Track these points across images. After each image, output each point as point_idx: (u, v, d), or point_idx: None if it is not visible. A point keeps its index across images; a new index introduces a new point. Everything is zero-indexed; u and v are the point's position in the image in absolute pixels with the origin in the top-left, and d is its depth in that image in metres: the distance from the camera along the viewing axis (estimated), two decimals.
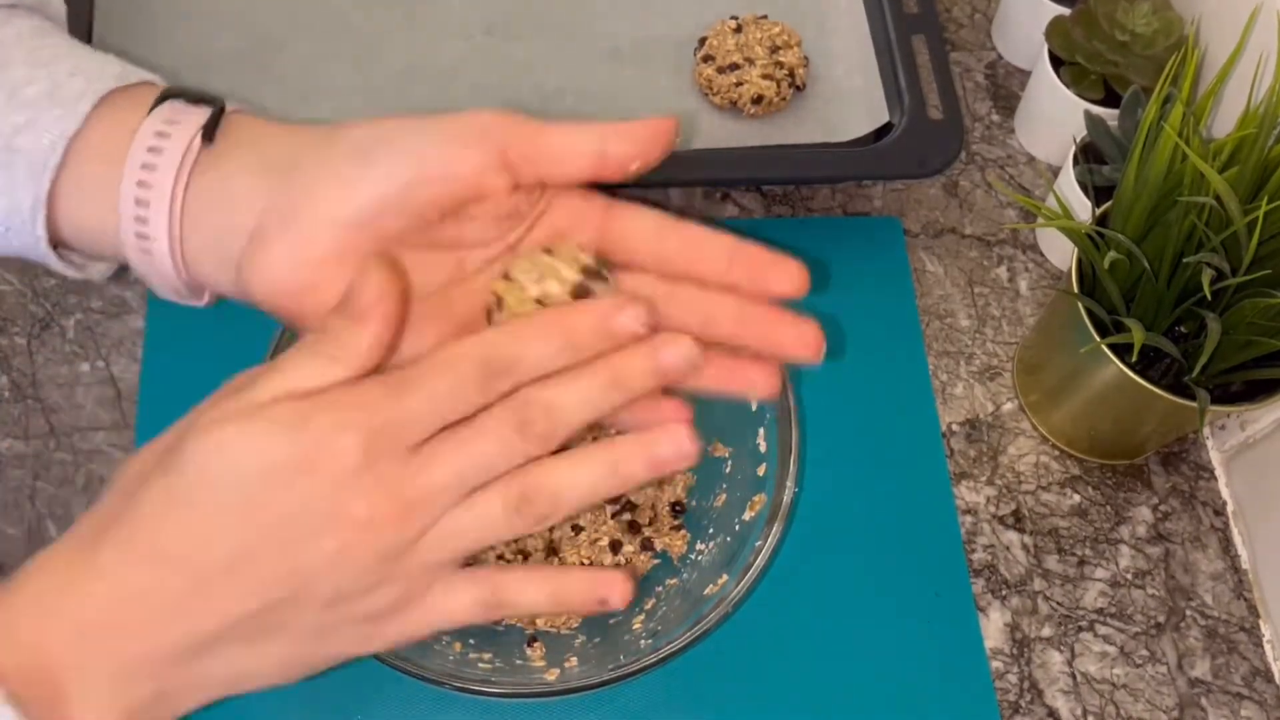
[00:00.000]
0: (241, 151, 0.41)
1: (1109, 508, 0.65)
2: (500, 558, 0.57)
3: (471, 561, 0.54)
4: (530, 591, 0.39)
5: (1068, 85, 0.69)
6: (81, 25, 0.67)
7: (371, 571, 0.36)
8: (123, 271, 0.46)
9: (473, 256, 0.41)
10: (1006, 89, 0.78)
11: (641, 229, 0.42)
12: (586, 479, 0.37)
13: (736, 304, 0.41)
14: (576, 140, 0.39)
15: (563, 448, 0.37)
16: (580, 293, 0.39)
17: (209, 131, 0.41)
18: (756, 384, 0.41)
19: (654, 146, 0.39)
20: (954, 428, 0.66)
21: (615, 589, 0.39)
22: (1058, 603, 0.62)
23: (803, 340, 0.41)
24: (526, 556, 0.57)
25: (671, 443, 0.37)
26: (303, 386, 0.36)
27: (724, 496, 0.58)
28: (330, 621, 0.37)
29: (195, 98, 0.43)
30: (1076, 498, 0.65)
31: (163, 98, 0.42)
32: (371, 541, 0.35)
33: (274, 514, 0.35)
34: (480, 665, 0.52)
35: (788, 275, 0.40)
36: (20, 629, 0.35)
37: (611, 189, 0.42)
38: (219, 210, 0.41)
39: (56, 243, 0.44)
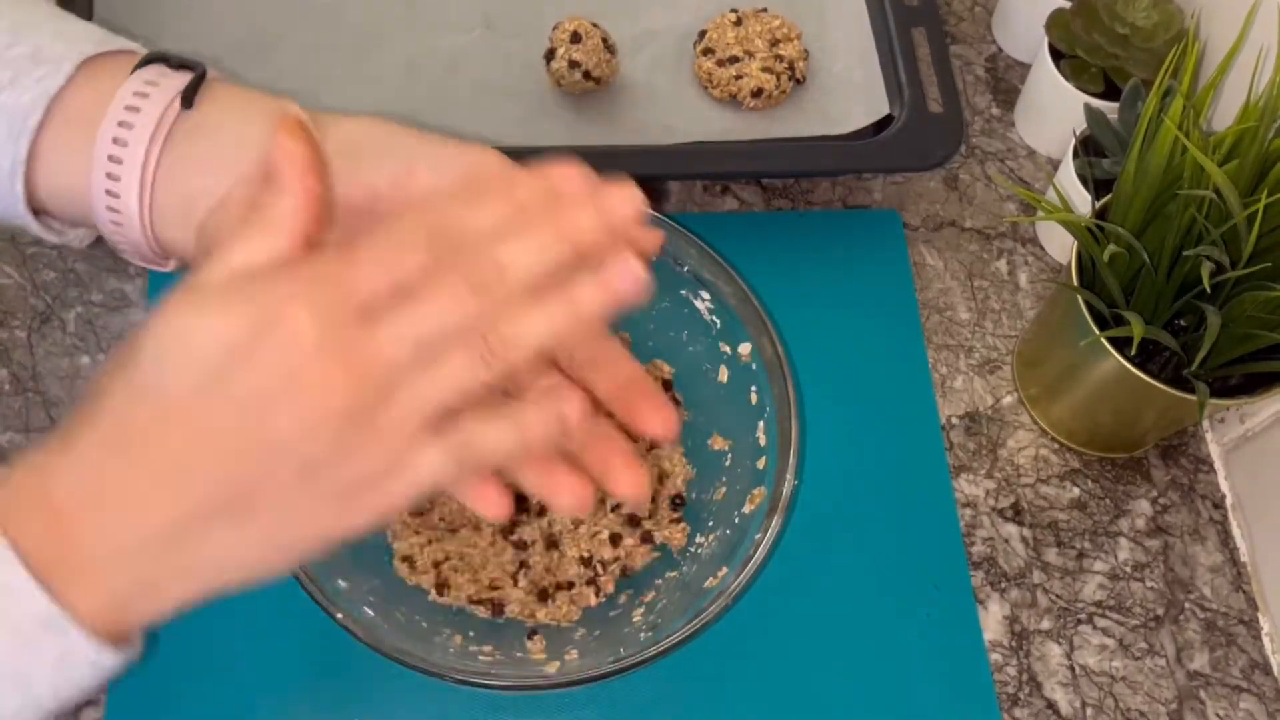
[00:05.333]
0: (224, 121, 0.43)
1: (1108, 501, 0.65)
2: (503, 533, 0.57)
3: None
4: (493, 430, 0.37)
5: (1068, 78, 0.69)
6: (82, 15, 0.67)
7: (338, 440, 0.35)
8: (99, 242, 0.47)
9: None
10: (1006, 82, 0.78)
11: None
12: (545, 319, 0.36)
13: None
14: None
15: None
16: None
17: (188, 96, 0.43)
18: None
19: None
20: (953, 421, 0.66)
21: (571, 402, 0.37)
22: (1057, 595, 0.62)
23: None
24: (525, 547, 0.58)
25: (625, 272, 0.36)
26: (248, 264, 0.36)
27: (724, 489, 0.58)
28: (305, 496, 0.36)
29: (178, 63, 0.44)
30: (1076, 491, 0.65)
31: (145, 61, 0.44)
32: (334, 410, 0.34)
33: (233, 390, 0.34)
34: (481, 658, 0.52)
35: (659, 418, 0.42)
36: (9, 517, 0.36)
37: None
38: (196, 174, 0.42)
39: (35, 208, 0.45)
